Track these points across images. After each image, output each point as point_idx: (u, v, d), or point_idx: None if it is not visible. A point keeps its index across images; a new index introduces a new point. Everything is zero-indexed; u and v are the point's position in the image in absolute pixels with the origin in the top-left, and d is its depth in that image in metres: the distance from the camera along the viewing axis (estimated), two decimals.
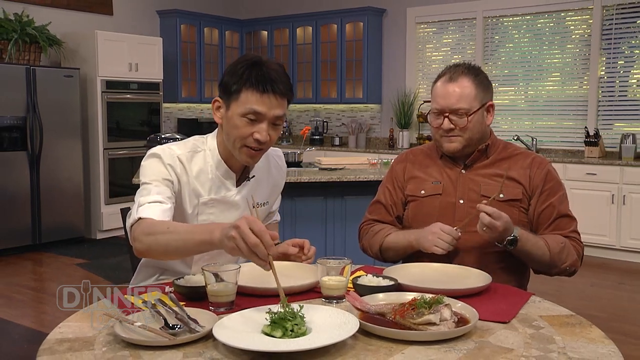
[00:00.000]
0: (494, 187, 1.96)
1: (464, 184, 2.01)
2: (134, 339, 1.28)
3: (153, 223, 1.61)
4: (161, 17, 7.57)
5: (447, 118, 1.96)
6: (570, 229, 1.96)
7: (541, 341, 1.31)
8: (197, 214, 1.82)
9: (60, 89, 5.99)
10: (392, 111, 7.35)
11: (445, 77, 1.99)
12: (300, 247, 1.83)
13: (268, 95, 1.69)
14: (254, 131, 1.71)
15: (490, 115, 2.02)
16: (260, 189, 1.94)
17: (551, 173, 2.00)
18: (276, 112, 1.72)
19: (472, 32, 6.81)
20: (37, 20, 6.07)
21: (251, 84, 1.69)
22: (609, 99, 6.09)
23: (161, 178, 1.73)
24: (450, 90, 1.95)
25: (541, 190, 1.97)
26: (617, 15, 5.98)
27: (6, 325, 3.92)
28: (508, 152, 2.05)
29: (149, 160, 1.77)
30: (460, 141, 1.97)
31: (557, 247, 1.88)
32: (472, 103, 1.94)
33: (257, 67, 1.70)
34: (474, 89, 1.95)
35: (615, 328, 3.78)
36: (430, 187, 2.03)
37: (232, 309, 1.47)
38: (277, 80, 1.71)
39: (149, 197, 1.68)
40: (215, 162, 1.82)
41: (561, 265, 1.90)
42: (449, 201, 2.00)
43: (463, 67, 1.99)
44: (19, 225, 5.78)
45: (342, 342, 1.26)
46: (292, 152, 4.59)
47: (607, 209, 5.59)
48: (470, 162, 2.03)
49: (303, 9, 7.84)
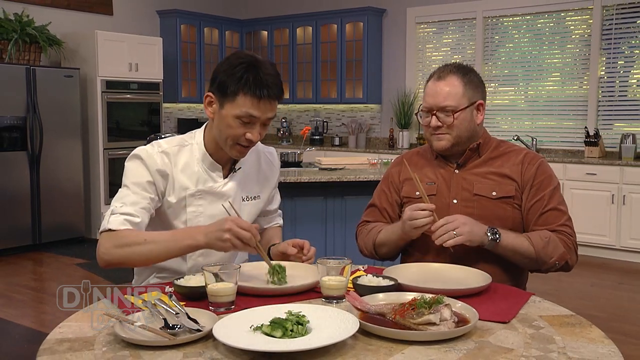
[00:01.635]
0: (487, 185, 1.97)
1: (457, 183, 2.01)
2: (134, 339, 1.28)
3: (126, 235, 1.67)
4: (161, 17, 7.58)
5: (434, 116, 1.97)
6: (558, 222, 1.93)
7: (541, 341, 1.31)
8: (185, 205, 1.85)
9: (60, 89, 6.00)
10: (392, 111, 7.36)
11: (435, 76, 2.00)
12: (300, 247, 1.84)
13: (264, 100, 1.73)
14: (247, 132, 1.77)
15: (481, 114, 2.01)
16: (250, 183, 1.97)
17: (542, 167, 1.99)
18: (269, 115, 1.79)
19: (472, 32, 6.81)
20: (37, 20, 6.07)
21: (249, 88, 1.72)
22: (609, 99, 6.09)
23: (140, 182, 1.78)
24: (438, 89, 1.96)
25: (531, 184, 1.96)
26: (617, 15, 5.98)
27: (6, 325, 3.92)
28: (501, 149, 2.04)
29: (130, 162, 1.82)
30: (448, 139, 1.97)
31: (540, 243, 1.86)
32: (459, 101, 1.95)
33: (254, 71, 1.73)
34: (461, 87, 1.96)
35: (615, 328, 3.78)
36: (424, 187, 2.02)
37: (232, 309, 1.47)
38: (273, 85, 1.75)
39: (123, 207, 1.72)
40: (200, 154, 1.87)
41: (549, 260, 1.88)
42: (443, 201, 2.00)
43: (452, 67, 2.00)
44: (19, 225, 5.79)
45: (342, 342, 1.26)
46: (292, 152, 4.58)
47: (607, 209, 5.59)
48: (462, 161, 2.02)
49: (303, 9, 7.85)
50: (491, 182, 1.97)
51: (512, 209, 1.96)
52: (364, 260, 2.10)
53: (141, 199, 1.76)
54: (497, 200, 1.95)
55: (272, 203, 2.12)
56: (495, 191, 1.96)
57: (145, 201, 1.77)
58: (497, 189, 1.96)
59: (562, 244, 1.90)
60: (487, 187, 1.96)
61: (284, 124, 8.08)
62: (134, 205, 1.74)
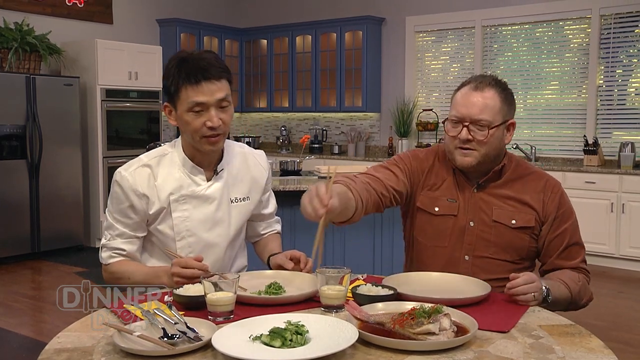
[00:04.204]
0: (506, 212, 1.88)
1: (475, 204, 1.91)
2: (133, 349, 1.27)
3: (116, 270, 1.88)
4: (161, 26, 7.60)
5: (466, 128, 1.84)
6: (579, 258, 1.90)
7: (540, 351, 1.31)
8: (170, 211, 1.88)
9: (60, 98, 6.00)
10: (391, 119, 7.37)
11: (471, 85, 1.87)
12: (297, 260, 1.85)
13: (203, 84, 1.76)
14: (205, 120, 1.79)
15: (510, 135, 1.90)
16: (237, 185, 1.98)
17: (563, 199, 1.92)
18: (218, 96, 1.79)
19: (471, 41, 6.83)
20: (37, 29, 6.08)
21: (184, 79, 1.77)
22: (608, 108, 6.11)
23: (120, 208, 1.87)
24: (474, 100, 1.83)
25: (554, 216, 1.89)
26: (615, 24, 6.01)
27: (5, 334, 3.91)
28: (520, 171, 1.94)
29: (113, 187, 1.90)
30: (475, 156, 1.85)
31: (576, 287, 1.82)
32: (495, 116, 1.83)
33: (186, 62, 1.78)
34: (499, 101, 1.84)
35: (614, 337, 3.77)
36: (445, 204, 1.93)
37: (231, 318, 1.47)
38: (208, 67, 1.77)
39: (111, 241, 1.89)
40: (181, 160, 1.91)
41: (580, 302, 1.86)
42: (459, 223, 1.92)
43: (490, 79, 1.88)
44: (18, 234, 5.78)
45: (341, 352, 1.25)
46: (292, 160, 4.58)
47: (607, 218, 5.59)
48: (484, 182, 1.92)
49: (303, 17, 7.87)
50: (511, 208, 1.89)
51: (529, 239, 1.90)
52: (363, 270, 2.09)
53: (124, 229, 1.88)
54: (516, 229, 1.88)
55: (267, 207, 2.12)
56: (515, 219, 1.88)
57: (129, 229, 1.88)
58: (517, 217, 1.88)
59: (588, 284, 1.90)
60: (507, 214, 1.89)
61: (283, 132, 8.09)
62: (120, 237, 1.88)
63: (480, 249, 1.90)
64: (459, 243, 1.91)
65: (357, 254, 3.82)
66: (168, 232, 1.89)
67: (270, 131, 8.55)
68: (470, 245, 1.90)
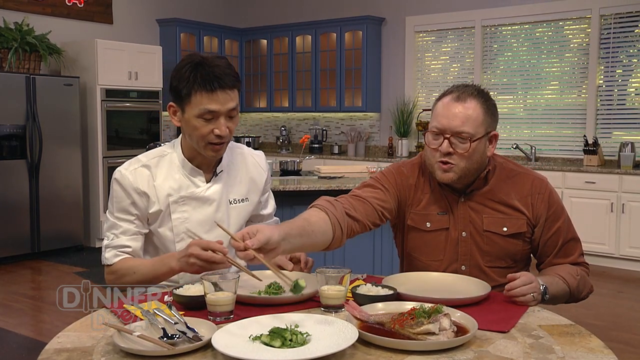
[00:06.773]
0: (496, 220, 1.86)
1: (464, 213, 1.88)
2: (133, 349, 1.27)
3: (120, 268, 1.84)
4: (161, 26, 7.60)
5: (447, 140, 1.77)
6: (577, 253, 1.90)
7: (540, 351, 1.31)
8: (169, 213, 1.88)
9: (60, 98, 6.00)
10: (391, 119, 7.37)
11: (452, 95, 1.80)
12: (297, 260, 1.86)
13: (217, 92, 1.75)
14: (213, 128, 1.79)
15: (492, 147, 1.85)
16: (236, 186, 1.99)
17: (552, 197, 1.89)
18: (229, 106, 1.79)
19: (471, 41, 6.83)
20: (37, 29, 6.09)
21: (199, 85, 1.75)
22: (608, 108, 6.11)
23: (122, 206, 1.86)
24: (456, 111, 1.77)
25: (546, 217, 1.86)
26: (615, 24, 6.01)
27: (5, 334, 3.91)
28: (505, 173, 1.90)
29: (112, 186, 1.89)
30: (455, 171, 1.80)
31: (574, 282, 1.81)
32: (477, 128, 1.77)
33: (201, 67, 1.76)
34: (481, 113, 1.78)
35: (614, 337, 3.77)
36: (436, 219, 1.90)
37: (231, 318, 1.47)
38: (223, 75, 1.76)
39: (114, 240, 1.86)
40: (180, 161, 1.91)
41: (580, 296, 1.87)
42: (452, 235, 1.89)
43: (472, 89, 1.81)
44: (18, 234, 5.78)
45: (341, 352, 1.25)
46: (292, 160, 4.59)
47: (606, 218, 5.59)
48: (470, 190, 1.88)
49: (302, 17, 7.87)
50: (501, 215, 1.86)
51: (522, 244, 1.88)
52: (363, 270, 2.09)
53: (128, 225, 1.86)
54: (508, 237, 1.86)
55: (266, 208, 2.13)
56: (506, 227, 1.86)
57: (133, 225, 1.87)
58: (508, 224, 1.86)
59: (587, 277, 1.91)
60: (497, 222, 1.86)
61: (283, 132, 8.09)
62: (124, 235, 1.86)
63: (475, 258, 1.89)
64: (454, 255, 1.90)
65: (357, 254, 3.82)
66: (167, 234, 1.90)
67: (270, 131, 8.55)
68: (466, 256, 1.90)
